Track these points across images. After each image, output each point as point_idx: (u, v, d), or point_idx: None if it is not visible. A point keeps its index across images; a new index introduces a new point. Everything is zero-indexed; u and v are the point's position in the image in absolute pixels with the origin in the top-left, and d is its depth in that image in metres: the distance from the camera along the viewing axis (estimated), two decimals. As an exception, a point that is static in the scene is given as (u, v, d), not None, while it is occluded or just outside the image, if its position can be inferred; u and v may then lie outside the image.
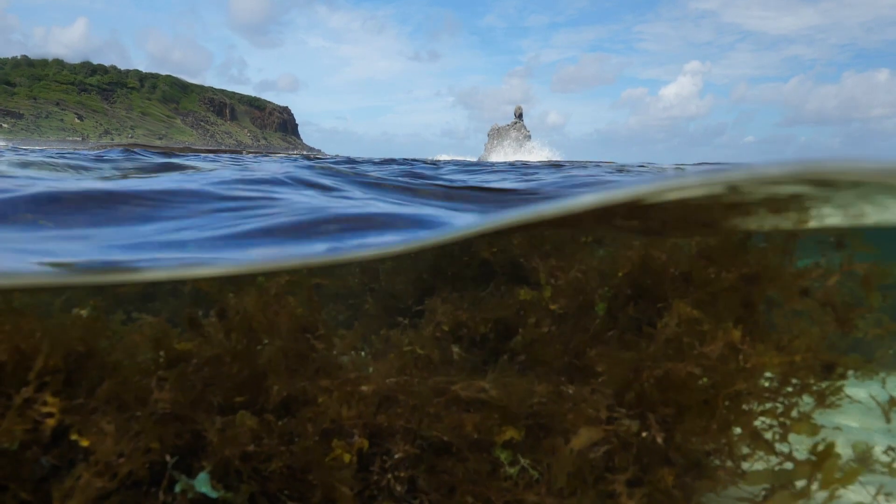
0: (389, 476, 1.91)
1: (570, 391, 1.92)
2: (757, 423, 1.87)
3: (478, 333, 2.33)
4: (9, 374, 1.55)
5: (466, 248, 2.76)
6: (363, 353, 2.22)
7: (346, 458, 1.90)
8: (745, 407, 1.84)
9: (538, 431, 1.97)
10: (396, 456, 1.95)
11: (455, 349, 2.23)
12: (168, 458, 1.66)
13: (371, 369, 2.12)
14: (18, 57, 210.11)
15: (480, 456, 1.87)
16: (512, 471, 1.82)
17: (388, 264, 2.91)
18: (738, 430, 1.80)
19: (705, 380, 1.72)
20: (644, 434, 1.69)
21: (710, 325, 1.70)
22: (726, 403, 1.75)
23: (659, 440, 1.65)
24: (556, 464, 1.72)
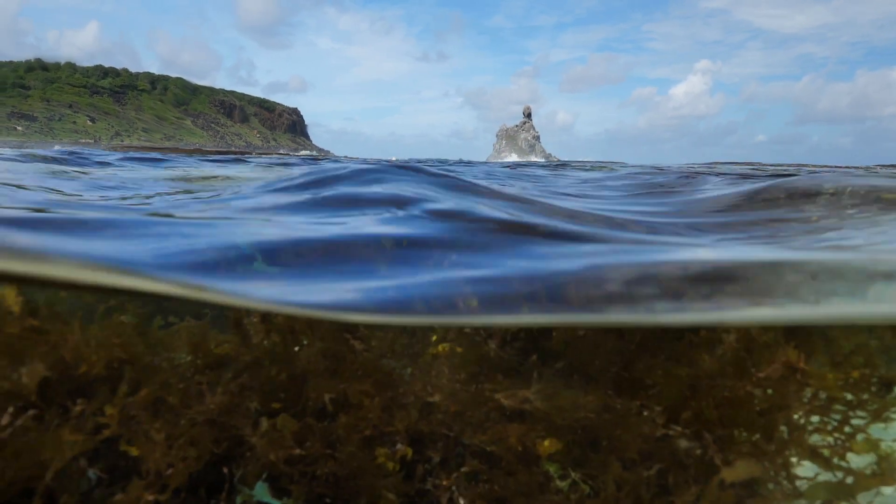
0: (438, 483, 1.88)
1: (619, 405, 1.87)
2: (813, 439, 1.82)
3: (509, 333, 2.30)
4: (59, 383, 1.53)
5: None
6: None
7: (390, 466, 1.88)
8: (801, 424, 1.79)
9: (586, 445, 1.92)
10: (439, 462, 1.92)
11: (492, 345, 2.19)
12: (226, 469, 1.63)
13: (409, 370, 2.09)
14: (32, 60, 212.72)
15: (528, 468, 1.83)
16: (562, 484, 1.78)
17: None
18: (794, 449, 1.75)
19: (763, 398, 1.67)
20: (699, 452, 1.64)
21: (769, 340, 1.65)
22: (784, 423, 1.70)
23: (717, 461, 1.61)
24: (609, 480, 1.67)
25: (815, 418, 1.85)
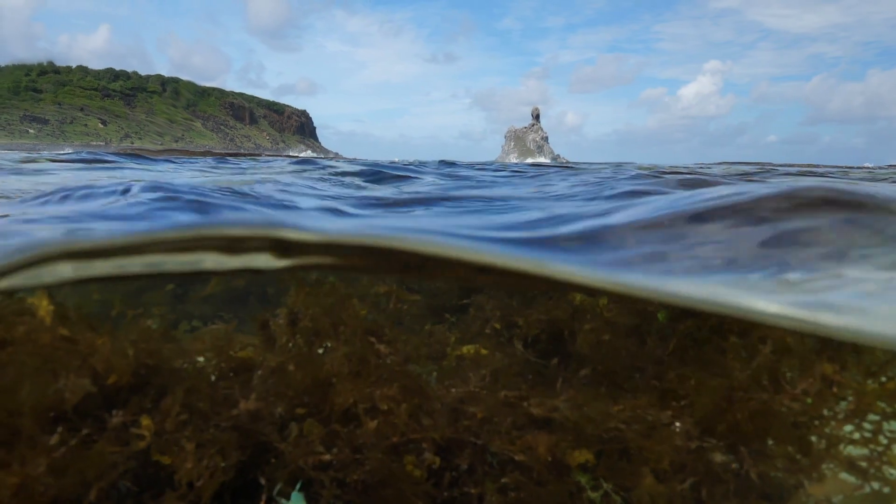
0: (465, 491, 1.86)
1: (650, 416, 1.85)
2: (848, 450, 1.79)
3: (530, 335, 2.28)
4: (95, 395, 1.53)
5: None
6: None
7: (417, 473, 1.86)
8: (837, 436, 1.75)
9: (616, 456, 1.90)
10: (467, 470, 1.90)
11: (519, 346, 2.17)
12: (263, 480, 1.62)
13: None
14: (44, 63, 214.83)
15: (560, 478, 1.80)
16: (594, 495, 1.76)
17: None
18: (830, 461, 1.71)
19: (798, 410, 1.63)
20: (735, 466, 1.61)
21: (806, 351, 1.62)
22: (820, 436, 1.67)
23: (753, 475, 1.57)
24: (642, 493, 1.65)
25: (849, 429, 1.82)
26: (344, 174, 5.53)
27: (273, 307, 1.92)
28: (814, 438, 1.73)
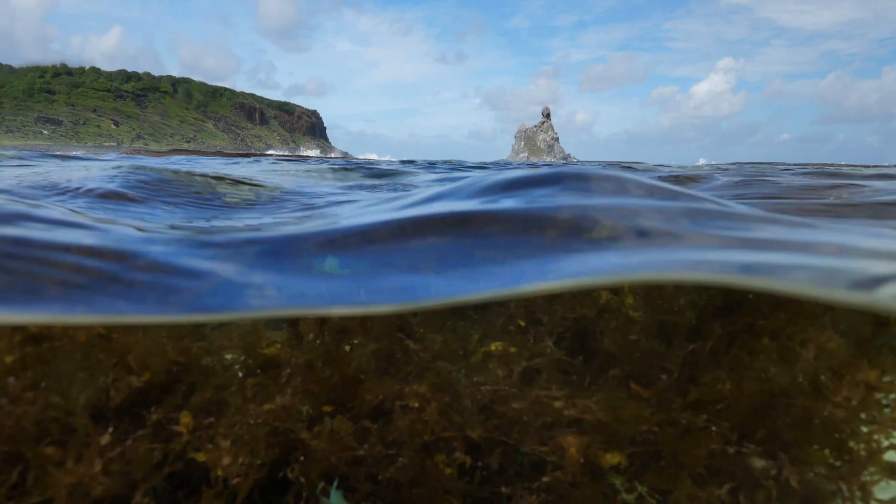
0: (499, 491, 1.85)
1: (684, 419, 1.82)
2: (889, 456, 1.75)
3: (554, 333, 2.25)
4: (134, 393, 1.53)
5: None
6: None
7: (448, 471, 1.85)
8: (879, 442, 1.72)
9: (648, 458, 1.87)
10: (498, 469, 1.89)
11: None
12: (302, 478, 1.62)
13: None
14: (58, 65, 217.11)
15: (594, 480, 1.78)
16: (629, 497, 1.74)
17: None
18: (872, 469, 1.68)
19: (842, 416, 1.60)
20: (774, 472, 1.58)
21: (850, 355, 1.59)
22: (861, 441, 1.64)
23: (794, 483, 1.54)
24: (681, 496, 1.62)
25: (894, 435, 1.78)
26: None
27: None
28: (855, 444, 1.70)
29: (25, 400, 1.40)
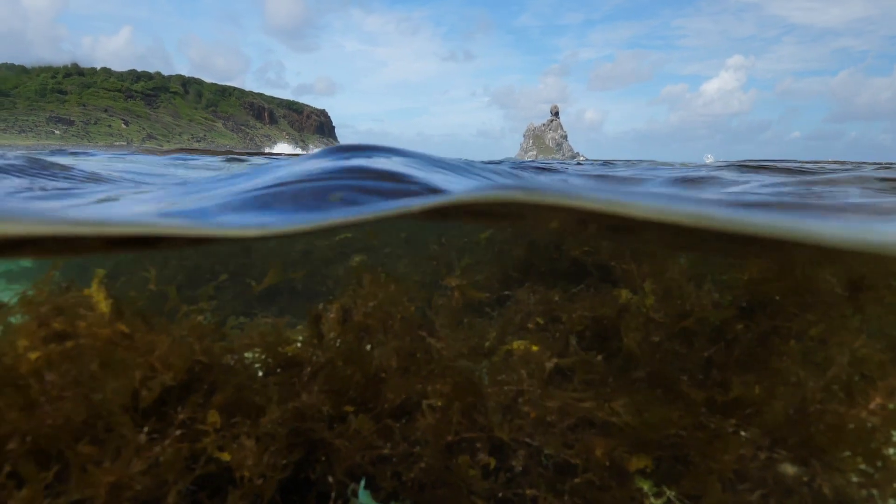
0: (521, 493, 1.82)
1: (713, 424, 1.78)
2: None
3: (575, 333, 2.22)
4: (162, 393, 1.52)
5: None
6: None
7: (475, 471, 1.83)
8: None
9: (676, 462, 1.84)
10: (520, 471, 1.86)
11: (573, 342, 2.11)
12: (330, 479, 1.60)
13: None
14: (69, 65, 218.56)
15: (622, 484, 1.75)
16: (657, 502, 1.70)
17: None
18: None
19: (877, 423, 1.56)
20: (806, 479, 1.54)
21: (883, 359, 1.54)
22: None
23: (826, 490, 1.50)
24: (712, 501, 1.59)
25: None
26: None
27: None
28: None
29: (63, 398, 1.39)
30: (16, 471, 1.34)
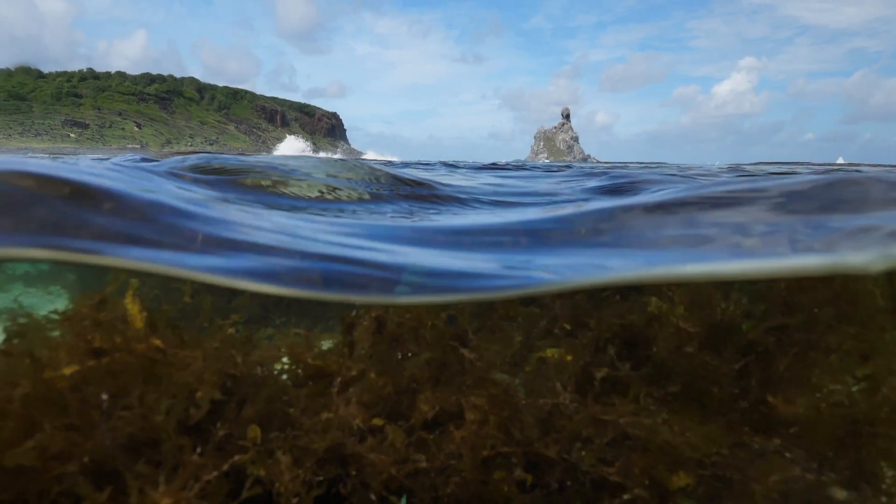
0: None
1: (756, 444, 1.66)
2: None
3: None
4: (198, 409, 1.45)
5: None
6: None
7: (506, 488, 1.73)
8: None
9: (716, 481, 1.73)
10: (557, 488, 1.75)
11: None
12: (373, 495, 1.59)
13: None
14: (84, 70, 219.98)
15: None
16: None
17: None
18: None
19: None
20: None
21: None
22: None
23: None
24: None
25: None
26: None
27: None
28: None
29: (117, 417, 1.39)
30: (73, 490, 1.34)
